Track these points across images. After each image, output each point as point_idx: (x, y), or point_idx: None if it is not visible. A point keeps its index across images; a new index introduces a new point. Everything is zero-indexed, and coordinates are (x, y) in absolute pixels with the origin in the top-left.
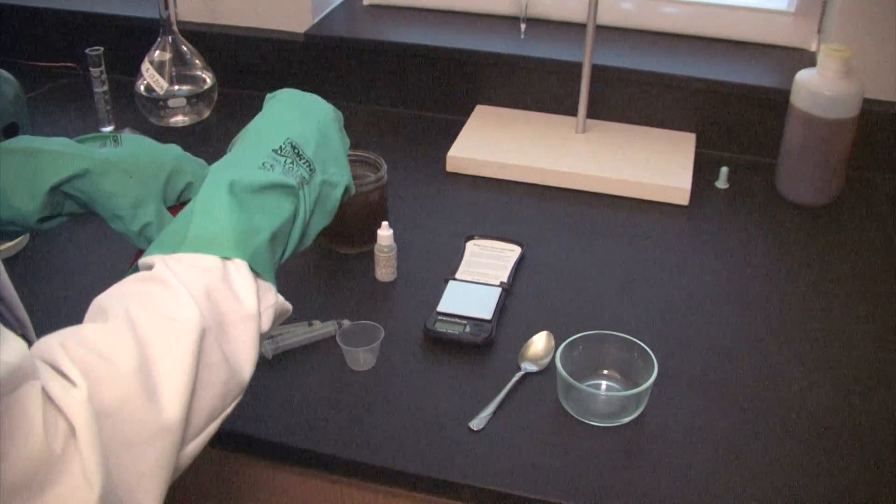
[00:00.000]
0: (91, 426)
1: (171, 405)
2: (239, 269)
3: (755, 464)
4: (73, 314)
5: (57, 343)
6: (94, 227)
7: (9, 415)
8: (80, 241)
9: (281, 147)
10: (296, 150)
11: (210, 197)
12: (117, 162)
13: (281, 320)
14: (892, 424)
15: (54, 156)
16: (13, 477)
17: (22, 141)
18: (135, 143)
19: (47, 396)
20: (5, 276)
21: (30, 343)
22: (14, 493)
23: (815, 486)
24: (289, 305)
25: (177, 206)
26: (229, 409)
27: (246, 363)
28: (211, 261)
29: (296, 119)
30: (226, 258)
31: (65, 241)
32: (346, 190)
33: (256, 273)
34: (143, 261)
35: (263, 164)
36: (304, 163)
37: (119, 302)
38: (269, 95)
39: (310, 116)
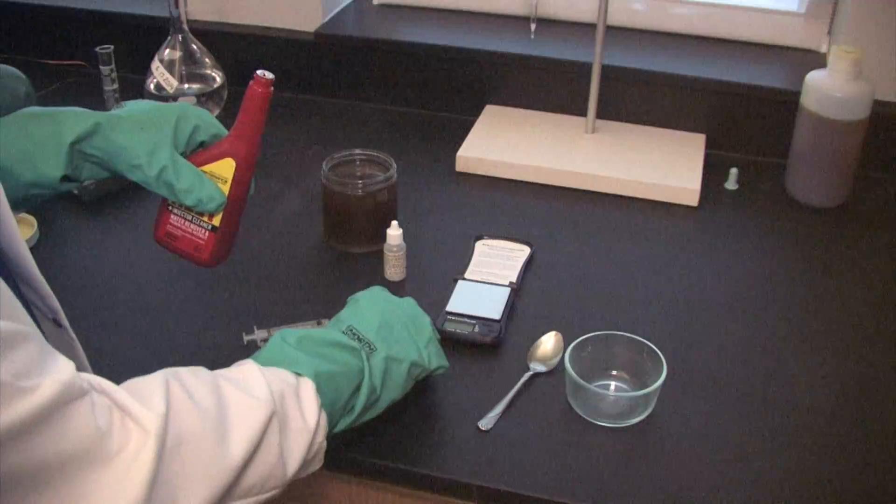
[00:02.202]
0: (160, 438)
1: (237, 451)
2: (307, 389)
3: (764, 465)
4: (85, 308)
5: (163, 379)
6: (102, 222)
7: (62, 424)
8: (90, 236)
9: (344, 331)
10: (356, 335)
11: (291, 338)
12: (126, 116)
13: (308, 466)
14: None
15: (70, 114)
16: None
17: (35, 109)
18: (138, 103)
19: (125, 411)
20: (35, 266)
21: (61, 326)
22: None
23: (824, 489)
24: (320, 463)
25: (189, 154)
26: (263, 497)
27: (292, 462)
28: (289, 376)
29: (359, 311)
30: (298, 374)
31: (75, 237)
32: (422, 367)
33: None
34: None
35: (340, 333)
36: (364, 344)
37: (210, 372)
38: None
39: (374, 307)
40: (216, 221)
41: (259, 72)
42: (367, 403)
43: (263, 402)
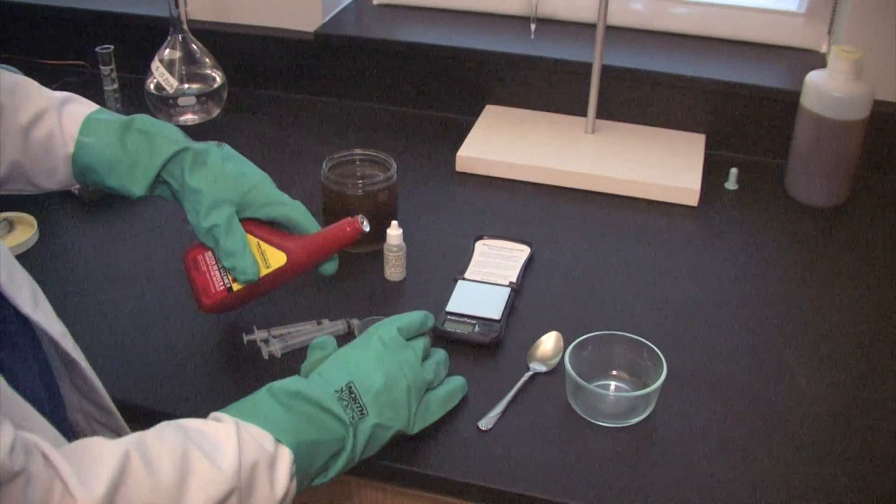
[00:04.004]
0: None
1: None
2: (284, 460)
3: (764, 465)
4: (85, 308)
5: (122, 451)
6: (103, 222)
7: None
8: (90, 236)
9: (340, 389)
10: (353, 395)
11: (281, 393)
12: (211, 162)
13: None
14: None
15: (165, 139)
16: None
17: (143, 120)
18: (232, 153)
19: (64, 485)
20: (43, 299)
21: (56, 344)
22: None
23: (825, 489)
24: None
25: (249, 220)
26: None
27: None
28: (269, 443)
29: (367, 363)
30: (278, 442)
31: (75, 237)
32: (403, 432)
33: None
34: (216, 414)
35: (334, 394)
36: (357, 407)
37: (180, 434)
38: (372, 328)
39: (383, 363)
40: (236, 286)
41: (361, 218)
42: (344, 469)
43: (227, 477)
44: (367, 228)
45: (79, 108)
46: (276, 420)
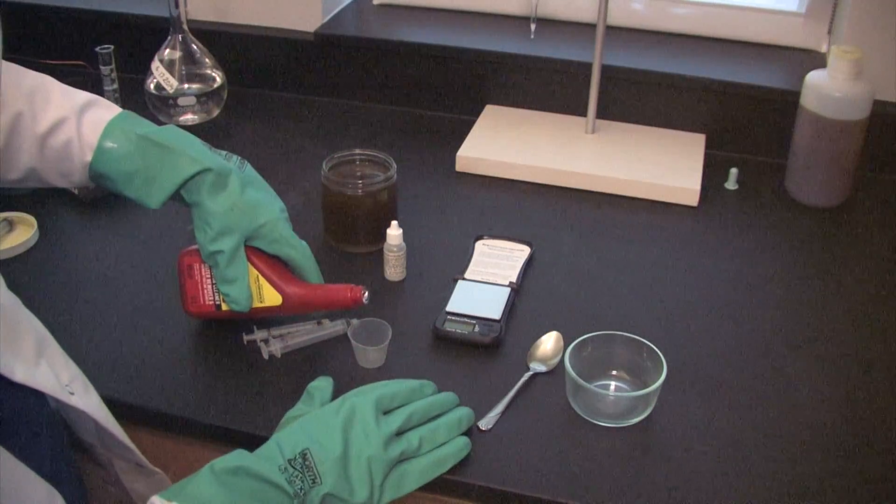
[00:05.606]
0: None
1: None
2: None
3: (763, 466)
4: (84, 308)
5: None
6: (103, 222)
7: None
8: (90, 236)
9: (293, 457)
10: (306, 462)
11: (222, 471)
12: (232, 187)
13: None
14: None
15: (187, 158)
16: None
17: (166, 133)
18: (253, 177)
19: None
20: (51, 344)
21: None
22: None
23: (824, 488)
24: None
25: (255, 249)
26: None
27: None
28: None
29: (330, 430)
30: None
31: (75, 237)
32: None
33: None
34: (153, 500)
35: (279, 467)
36: (309, 475)
37: None
38: (351, 393)
39: (346, 432)
40: (225, 307)
41: (364, 289)
42: None
43: None
44: (366, 301)
45: (100, 114)
46: (212, 502)
